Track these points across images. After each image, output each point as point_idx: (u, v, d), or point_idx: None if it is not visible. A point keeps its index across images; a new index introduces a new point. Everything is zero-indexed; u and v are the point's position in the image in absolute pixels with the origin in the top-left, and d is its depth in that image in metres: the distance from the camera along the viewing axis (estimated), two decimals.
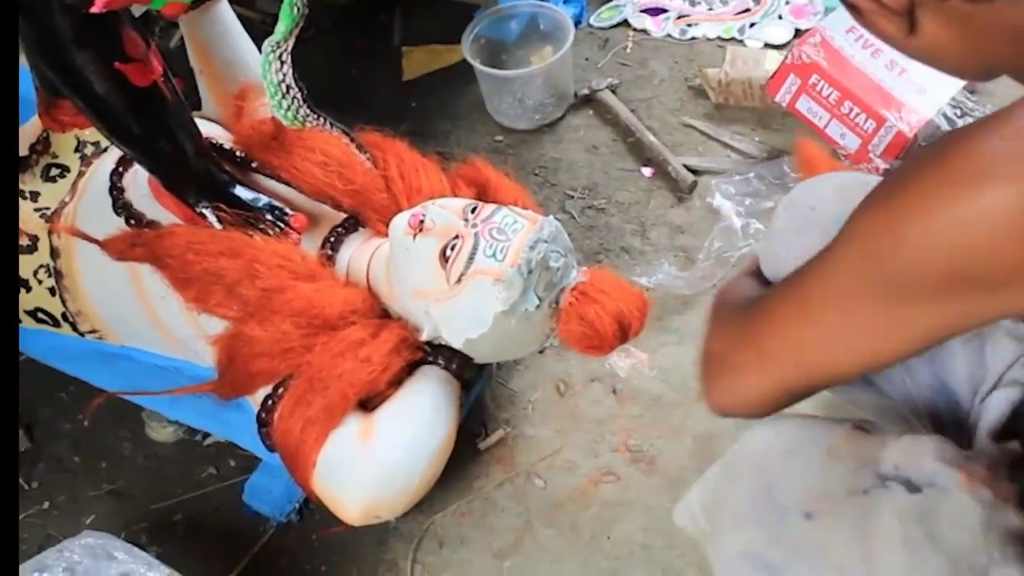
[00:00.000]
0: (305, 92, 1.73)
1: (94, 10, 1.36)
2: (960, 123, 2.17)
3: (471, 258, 1.59)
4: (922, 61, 1.01)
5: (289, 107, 1.71)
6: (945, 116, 2.19)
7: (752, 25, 2.70)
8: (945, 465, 1.03)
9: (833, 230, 1.03)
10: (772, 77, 2.36)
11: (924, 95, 2.20)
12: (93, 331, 1.93)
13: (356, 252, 1.83)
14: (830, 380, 1.13)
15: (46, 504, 2.07)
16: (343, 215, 1.87)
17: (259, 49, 1.70)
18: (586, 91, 2.61)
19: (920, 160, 0.95)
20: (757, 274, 1.44)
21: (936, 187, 0.91)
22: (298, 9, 1.60)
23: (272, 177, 1.90)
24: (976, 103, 2.25)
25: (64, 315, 1.92)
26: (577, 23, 2.74)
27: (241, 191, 1.83)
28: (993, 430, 1.15)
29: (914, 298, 0.96)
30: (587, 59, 2.73)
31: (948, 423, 1.23)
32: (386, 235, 1.72)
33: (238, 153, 1.93)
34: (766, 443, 1.16)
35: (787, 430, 1.17)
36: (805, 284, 1.07)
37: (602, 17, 2.81)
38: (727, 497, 1.17)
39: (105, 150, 1.98)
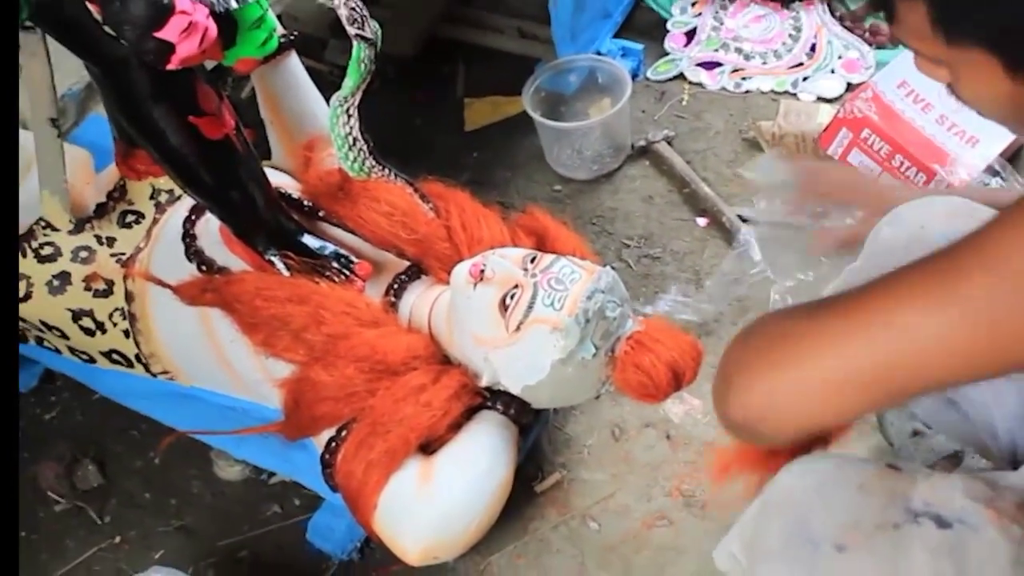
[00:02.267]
0: (371, 144, 1.76)
1: (170, 67, 1.40)
2: (993, 183, 2.19)
3: (530, 307, 1.62)
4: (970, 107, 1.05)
5: (355, 159, 1.75)
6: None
7: (805, 79, 2.72)
8: (974, 502, 1.05)
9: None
10: (824, 130, 2.38)
11: (974, 149, 2.20)
12: (165, 372, 1.98)
13: (418, 299, 1.86)
14: (888, 395, 1.07)
15: (117, 539, 2.11)
16: (406, 263, 1.90)
17: (327, 101, 1.73)
18: (643, 142, 2.63)
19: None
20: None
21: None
22: (365, 66, 1.63)
23: (338, 226, 1.94)
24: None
25: (137, 356, 1.97)
26: (634, 76, 2.77)
27: (308, 239, 1.87)
28: None
29: None
30: (644, 111, 2.75)
31: None
32: (448, 283, 1.75)
33: (306, 203, 1.97)
34: (799, 480, 1.17)
35: (820, 468, 1.18)
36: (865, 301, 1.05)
37: (659, 71, 2.83)
38: (762, 534, 1.18)
39: (179, 198, 2.03)
